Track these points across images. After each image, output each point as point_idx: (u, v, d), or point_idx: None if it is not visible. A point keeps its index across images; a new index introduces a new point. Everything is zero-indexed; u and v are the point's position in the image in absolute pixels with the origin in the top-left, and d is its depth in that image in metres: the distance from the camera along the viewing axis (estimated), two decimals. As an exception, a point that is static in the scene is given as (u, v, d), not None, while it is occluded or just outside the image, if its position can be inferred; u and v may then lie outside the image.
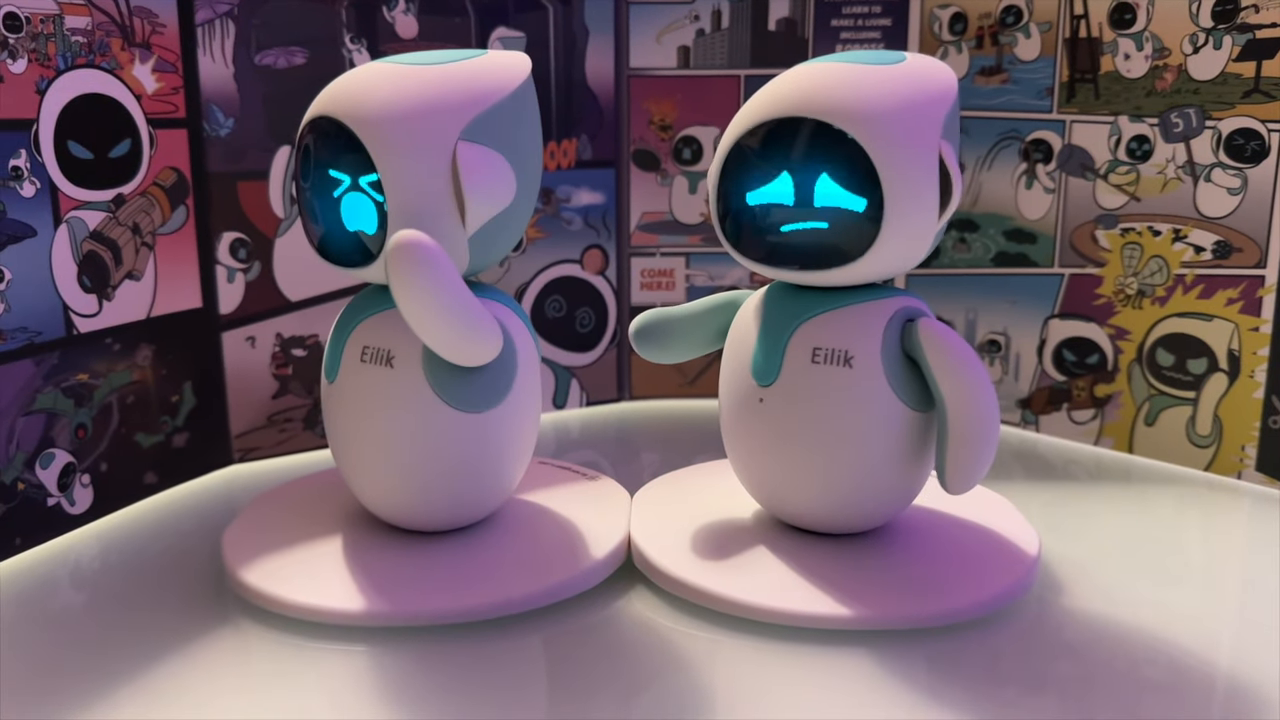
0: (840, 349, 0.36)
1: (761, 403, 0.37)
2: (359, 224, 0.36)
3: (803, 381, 0.37)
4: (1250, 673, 0.33)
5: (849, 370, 0.36)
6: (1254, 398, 0.48)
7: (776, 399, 0.37)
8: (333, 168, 0.35)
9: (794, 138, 0.35)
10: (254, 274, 0.50)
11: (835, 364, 0.36)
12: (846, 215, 0.35)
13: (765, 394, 0.37)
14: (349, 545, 0.39)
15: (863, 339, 0.36)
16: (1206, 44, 0.48)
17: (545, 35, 0.56)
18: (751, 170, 0.36)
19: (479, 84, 0.36)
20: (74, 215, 0.42)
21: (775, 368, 0.37)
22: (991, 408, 0.35)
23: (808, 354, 0.36)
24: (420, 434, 0.36)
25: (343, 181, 0.35)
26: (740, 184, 0.36)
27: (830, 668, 0.33)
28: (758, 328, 0.38)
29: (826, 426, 0.36)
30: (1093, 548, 0.42)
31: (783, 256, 0.36)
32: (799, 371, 0.37)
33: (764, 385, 0.37)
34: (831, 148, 0.35)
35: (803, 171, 0.35)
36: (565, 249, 0.58)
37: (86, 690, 0.32)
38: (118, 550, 0.42)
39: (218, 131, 0.47)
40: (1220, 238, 0.49)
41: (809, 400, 0.36)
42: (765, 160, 0.36)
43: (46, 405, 0.42)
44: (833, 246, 0.36)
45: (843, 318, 0.37)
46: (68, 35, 0.41)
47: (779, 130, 0.35)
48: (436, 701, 0.32)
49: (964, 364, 0.35)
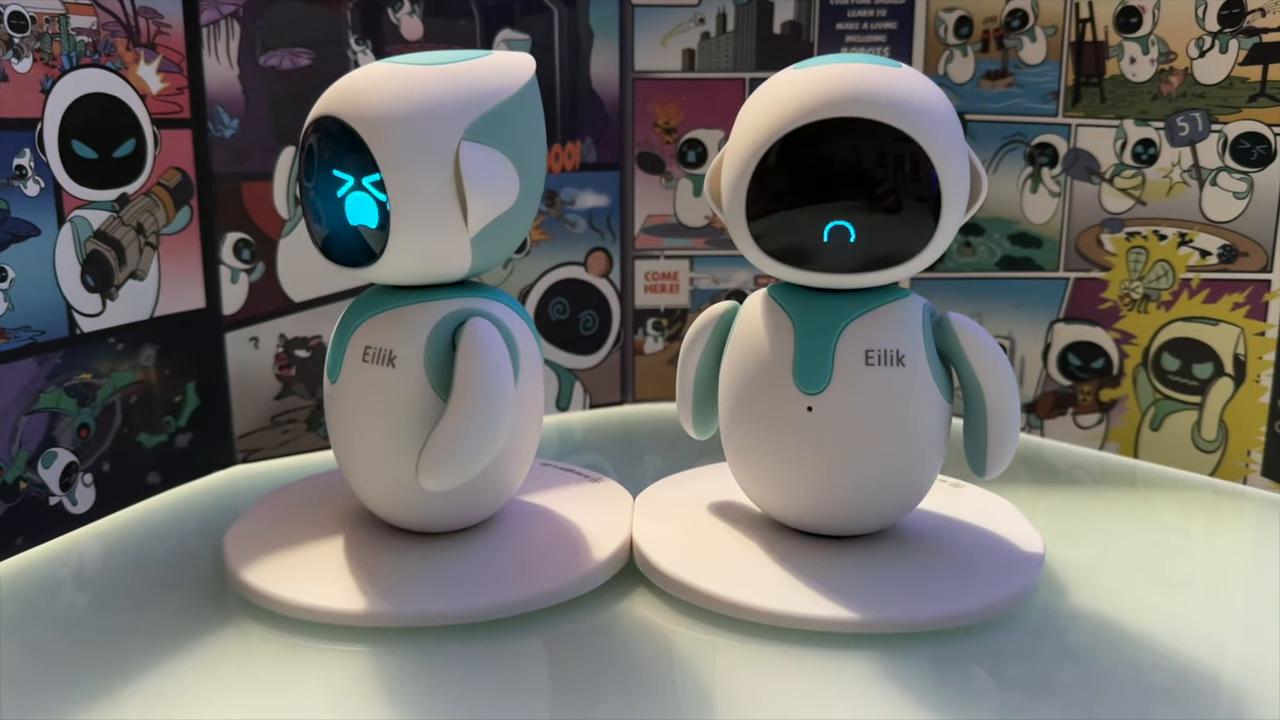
0: (892, 349, 0.36)
1: (810, 411, 0.36)
2: (361, 219, 0.36)
3: (859, 385, 0.36)
4: (1255, 678, 0.33)
5: (902, 369, 0.36)
6: (1260, 403, 0.48)
7: (829, 405, 0.36)
8: (336, 167, 0.35)
9: (853, 140, 0.34)
10: (257, 275, 0.50)
11: (890, 364, 0.36)
12: (913, 207, 0.35)
13: (814, 401, 0.36)
14: (351, 546, 0.39)
15: (909, 338, 0.36)
16: (1212, 48, 0.48)
17: (550, 38, 0.56)
18: (807, 172, 0.35)
19: (482, 84, 0.36)
20: (78, 214, 0.42)
21: (825, 373, 0.36)
22: (1017, 396, 0.37)
23: (860, 356, 0.36)
24: (422, 434, 0.36)
25: (346, 181, 0.35)
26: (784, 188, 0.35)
27: (833, 671, 0.33)
28: (786, 333, 0.37)
29: (886, 429, 0.36)
30: (1097, 552, 0.42)
31: (844, 261, 0.35)
32: (853, 374, 0.36)
33: (813, 393, 0.36)
34: (894, 143, 0.34)
35: (865, 178, 0.34)
36: (569, 251, 0.58)
37: (89, 689, 0.32)
38: (120, 550, 0.42)
39: (222, 132, 0.47)
40: (1226, 242, 0.49)
41: (868, 403, 0.36)
42: (820, 164, 0.35)
43: (49, 405, 0.42)
44: (900, 245, 0.35)
45: (886, 317, 0.36)
46: (73, 35, 0.41)
47: (834, 131, 0.34)
48: (438, 702, 0.32)
49: (999, 356, 0.36)
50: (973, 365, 0.36)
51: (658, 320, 0.60)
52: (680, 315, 0.60)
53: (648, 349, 0.60)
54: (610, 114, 0.57)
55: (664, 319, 0.60)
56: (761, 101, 0.36)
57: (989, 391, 0.36)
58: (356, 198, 0.35)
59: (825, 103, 0.34)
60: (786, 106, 0.35)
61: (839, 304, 0.37)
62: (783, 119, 0.35)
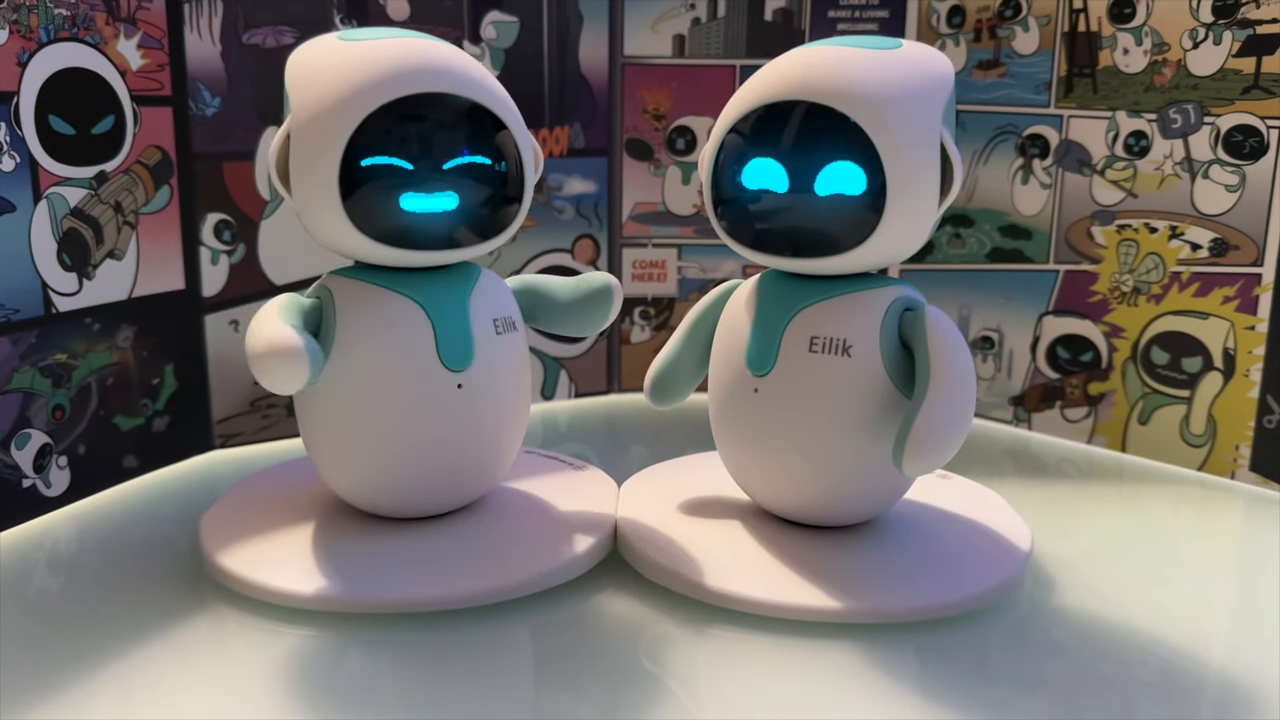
0: (839, 338, 0.36)
1: (756, 392, 0.37)
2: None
3: (800, 371, 0.36)
4: (1242, 673, 0.33)
5: (847, 360, 0.35)
6: (1249, 397, 0.48)
7: (772, 388, 0.36)
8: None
9: (792, 121, 0.34)
10: (238, 256, 0.49)
11: (833, 353, 0.36)
12: (846, 201, 0.34)
13: (760, 383, 0.36)
14: (330, 531, 0.38)
15: (861, 328, 0.36)
16: (1206, 39, 0.48)
17: (539, 20, 0.55)
18: (746, 155, 0.35)
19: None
20: (54, 191, 0.41)
21: (771, 357, 0.36)
22: (968, 401, 0.34)
23: (805, 343, 0.36)
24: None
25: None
26: (734, 168, 0.36)
27: (816, 660, 0.33)
28: (751, 316, 0.37)
29: (823, 416, 0.36)
30: (1085, 546, 0.42)
31: (777, 243, 0.36)
32: (796, 360, 0.36)
33: (759, 375, 0.36)
34: (832, 131, 0.34)
35: (801, 156, 0.34)
36: (556, 238, 0.57)
37: (62, 674, 0.32)
38: (95, 534, 0.41)
39: (204, 110, 0.47)
40: (1217, 235, 0.49)
41: (806, 390, 0.36)
42: (761, 144, 0.35)
43: (23, 385, 0.41)
44: (830, 233, 0.35)
45: (840, 306, 0.36)
46: (51, 7, 0.41)
47: (776, 113, 0.35)
48: (420, 689, 0.31)
49: (957, 352, 0.34)
50: (930, 353, 0.34)
51: (645, 309, 0.59)
52: (668, 304, 0.59)
53: (634, 338, 0.60)
54: (599, 99, 0.57)
55: (651, 308, 0.59)
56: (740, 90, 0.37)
57: (934, 377, 0.34)
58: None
59: (770, 88, 0.35)
60: (742, 92, 0.36)
61: (803, 290, 0.37)
62: (736, 105, 0.36)
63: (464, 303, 0.36)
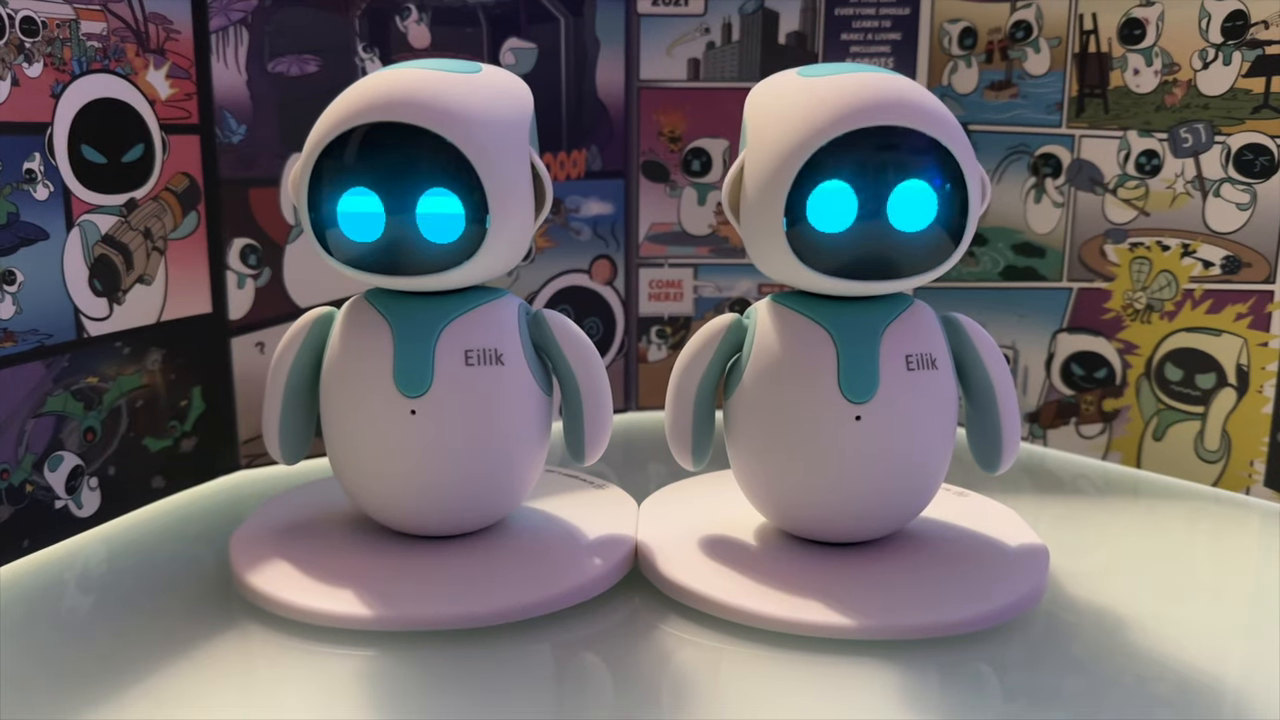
0: (927, 353, 0.36)
1: (859, 420, 0.35)
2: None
3: (901, 390, 0.36)
4: (1258, 688, 0.33)
5: (937, 372, 0.36)
6: (1263, 413, 0.48)
7: (878, 413, 0.35)
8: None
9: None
10: (264, 280, 0.50)
11: (927, 368, 0.36)
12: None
13: (864, 410, 0.35)
14: (356, 550, 0.39)
15: (938, 340, 0.37)
16: (1216, 59, 0.48)
17: (557, 46, 0.56)
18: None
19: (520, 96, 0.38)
20: (86, 219, 0.42)
21: (873, 381, 0.35)
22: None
23: (902, 362, 0.36)
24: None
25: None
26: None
27: (837, 678, 0.33)
28: (833, 342, 0.36)
29: (924, 434, 0.36)
30: (1101, 562, 0.42)
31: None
32: (897, 380, 0.36)
33: (861, 402, 0.35)
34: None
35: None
36: (574, 258, 0.58)
37: (92, 692, 0.32)
38: (124, 554, 0.42)
39: (230, 138, 0.48)
40: (1229, 253, 0.49)
41: (911, 409, 0.36)
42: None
43: (56, 408, 0.42)
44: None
45: (915, 319, 0.37)
46: (83, 40, 0.42)
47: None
48: (442, 707, 0.32)
49: (1000, 355, 0.38)
50: (985, 364, 0.37)
51: (661, 328, 0.60)
52: (684, 323, 0.60)
53: (651, 357, 0.60)
54: (615, 122, 0.58)
55: (668, 327, 0.60)
56: (789, 105, 0.35)
57: (999, 384, 0.37)
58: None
59: (866, 108, 0.34)
60: (831, 110, 0.34)
61: (875, 308, 0.37)
62: (827, 122, 0.34)
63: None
